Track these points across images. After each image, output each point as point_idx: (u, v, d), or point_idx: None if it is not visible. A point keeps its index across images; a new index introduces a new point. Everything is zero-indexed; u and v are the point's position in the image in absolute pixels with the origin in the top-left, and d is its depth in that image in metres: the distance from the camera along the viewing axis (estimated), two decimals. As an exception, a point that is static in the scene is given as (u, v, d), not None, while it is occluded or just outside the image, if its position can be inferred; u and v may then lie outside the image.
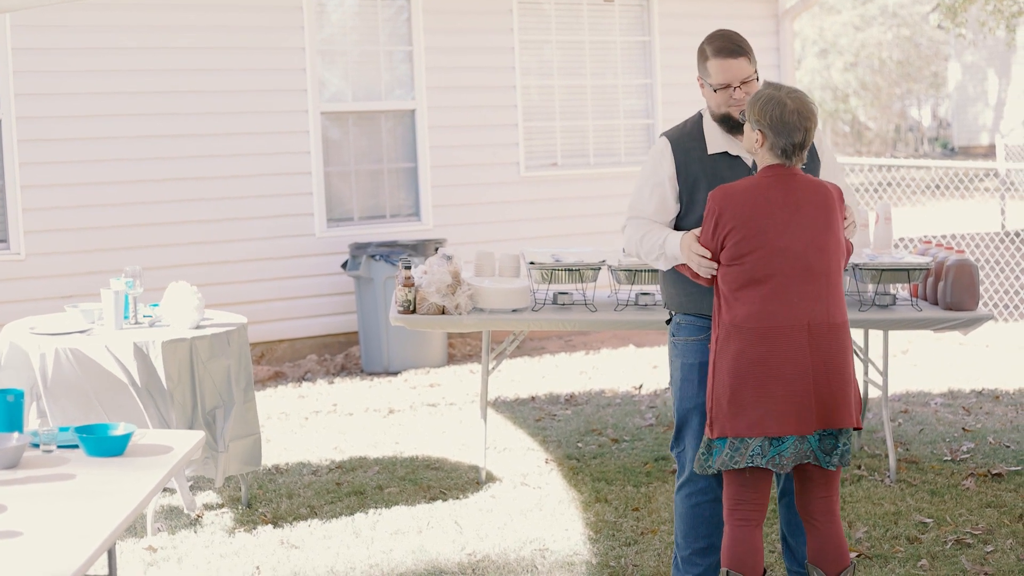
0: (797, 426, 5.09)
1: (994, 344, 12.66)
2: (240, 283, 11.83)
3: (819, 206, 5.18)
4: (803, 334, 5.11)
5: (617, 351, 12.74)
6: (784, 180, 5.19)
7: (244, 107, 11.83)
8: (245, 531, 7.15)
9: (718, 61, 5.54)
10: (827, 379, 5.12)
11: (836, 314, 5.18)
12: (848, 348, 5.21)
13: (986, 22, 25.87)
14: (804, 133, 5.14)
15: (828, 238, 5.17)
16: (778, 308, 5.13)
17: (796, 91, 5.24)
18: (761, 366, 5.12)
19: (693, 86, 14.24)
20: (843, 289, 5.29)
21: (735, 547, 5.26)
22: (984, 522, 7.02)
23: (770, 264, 5.14)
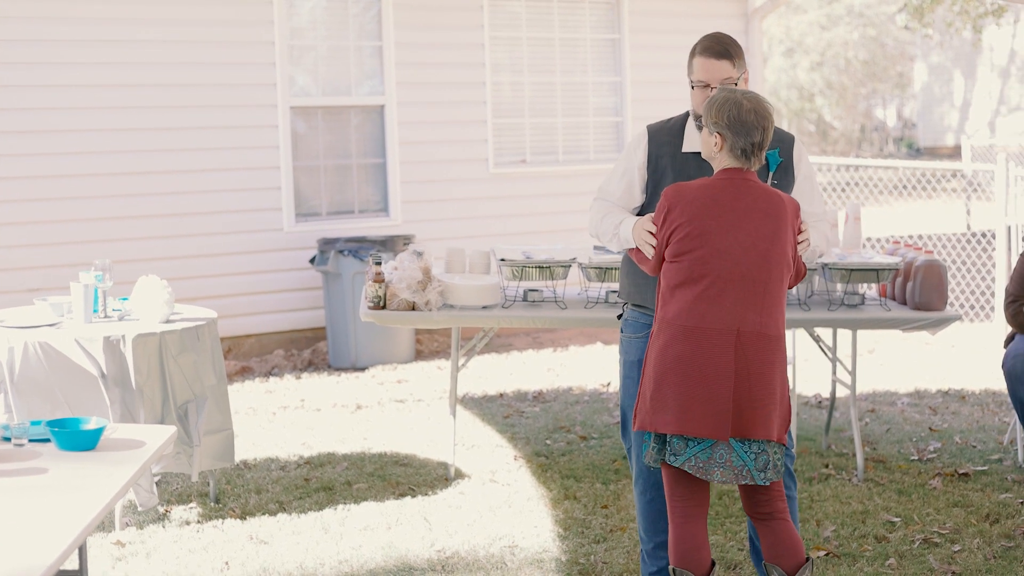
0: (712, 429, 5.05)
1: (959, 344, 12.72)
2: (207, 277, 11.79)
3: (768, 215, 5.16)
4: (730, 339, 5.09)
5: (585, 348, 12.75)
6: (737, 184, 5.19)
7: (213, 101, 11.79)
8: (213, 526, 7.13)
9: (702, 59, 5.58)
10: (748, 387, 5.08)
11: (769, 325, 5.14)
12: (778, 362, 5.16)
13: (953, 23, 26.02)
14: (762, 132, 5.15)
15: (772, 248, 5.15)
16: (708, 309, 5.12)
17: (751, 92, 5.25)
18: (683, 364, 5.10)
19: (663, 84, 14.35)
20: (783, 303, 5.22)
21: (678, 545, 5.26)
22: (951, 521, 7.05)
23: (707, 265, 5.13)
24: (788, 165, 5.65)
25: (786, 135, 5.71)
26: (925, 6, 24.89)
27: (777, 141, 5.64)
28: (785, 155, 5.65)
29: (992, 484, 7.78)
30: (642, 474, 5.74)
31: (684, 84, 14.51)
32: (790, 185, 5.64)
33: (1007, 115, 36.92)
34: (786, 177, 5.63)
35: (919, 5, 25.19)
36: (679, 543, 5.25)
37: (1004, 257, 12.43)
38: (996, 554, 6.53)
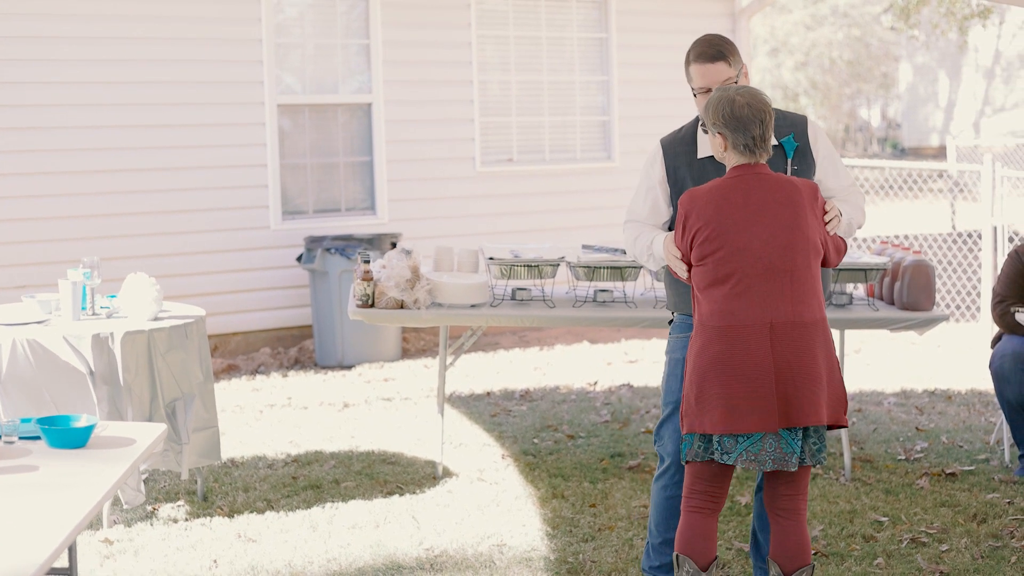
0: (759, 423, 5.09)
1: (945, 344, 12.75)
2: (194, 275, 11.77)
3: (783, 204, 5.18)
4: (765, 332, 5.13)
5: (571, 347, 12.76)
6: (747, 180, 5.22)
7: (200, 98, 11.77)
8: (201, 524, 7.11)
9: (697, 66, 5.61)
10: (791, 378, 5.11)
11: (803, 312, 5.16)
12: (820, 346, 5.18)
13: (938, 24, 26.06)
14: (760, 125, 5.17)
15: (794, 236, 5.17)
16: (739, 306, 5.16)
17: (746, 87, 5.28)
18: (722, 363, 5.14)
19: (650, 83, 14.36)
20: (816, 287, 5.24)
21: (686, 532, 5.33)
22: (939, 521, 7.07)
23: (730, 263, 5.17)
24: (805, 148, 5.67)
25: (798, 118, 5.72)
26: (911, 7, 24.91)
27: (789, 126, 5.66)
28: (800, 139, 5.67)
29: (979, 484, 7.80)
30: (668, 471, 5.78)
31: (671, 84, 14.64)
32: (811, 167, 5.66)
33: (992, 116, 37.02)
34: (805, 160, 5.65)
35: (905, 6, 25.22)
36: (686, 531, 5.33)
37: (990, 257, 12.46)
38: (984, 554, 6.55)
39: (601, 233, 13.37)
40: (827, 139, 5.76)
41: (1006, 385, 8.03)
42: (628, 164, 14.10)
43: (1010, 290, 8.21)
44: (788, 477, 5.30)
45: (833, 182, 5.73)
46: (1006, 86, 37.05)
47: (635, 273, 7.71)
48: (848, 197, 5.72)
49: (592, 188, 13.98)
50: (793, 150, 5.62)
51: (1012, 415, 8.06)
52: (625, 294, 7.92)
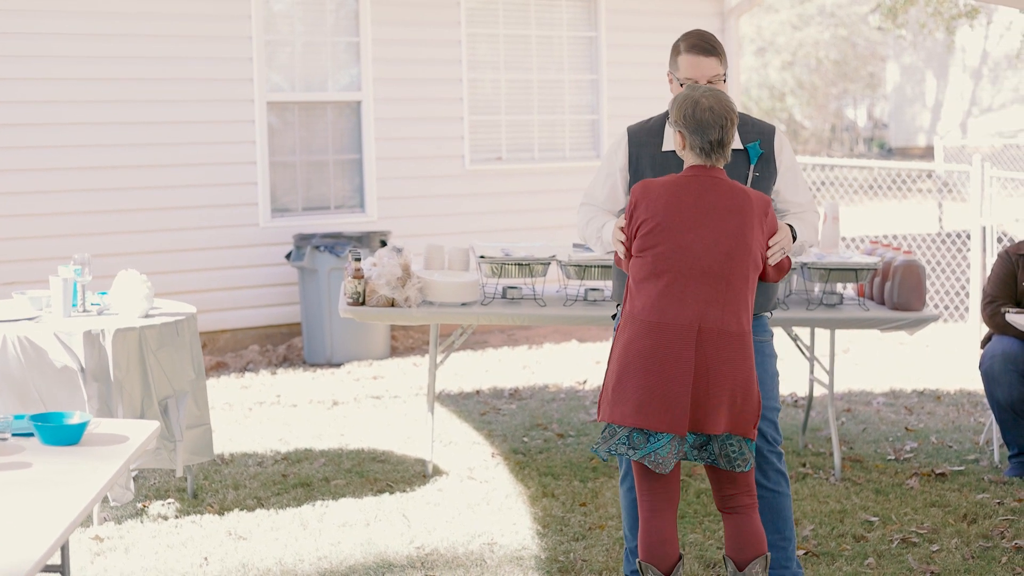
0: (668, 424, 5.09)
1: (934, 345, 12.77)
2: (183, 272, 11.75)
3: (732, 211, 5.18)
4: (691, 335, 5.12)
5: (560, 346, 12.76)
6: (702, 181, 5.22)
7: (189, 95, 11.75)
8: (192, 522, 7.10)
9: (689, 56, 5.60)
10: (706, 384, 5.10)
11: (731, 322, 5.15)
12: (739, 358, 5.16)
13: (926, 24, 26.10)
14: (720, 131, 5.17)
15: (736, 245, 5.16)
16: (670, 304, 5.15)
17: (714, 90, 5.28)
18: (645, 359, 5.13)
19: (639, 82, 14.36)
20: (748, 300, 5.22)
21: (645, 538, 5.30)
22: (929, 521, 7.07)
23: (669, 260, 5.17)
24: (770, 156, 5.66)
25: (766, 126, 5.71)
26: (898, 7, 24.94)
27: (757, 133, 5.66)
28: (766, 147, 5.66)
29: (969, 484, 7.81)
30: (629, 472, 5.77)
31: (660, 83, 14.52)
32: (772, 176, 5.65)
33: (979, 116, 37.08)
34: (768, 168, 5.64)
35: (892, 6, 25.25)
36: (645, 536, 5.29)
37: (979, 258, 12.48)
38: (974, 554, 6.56)
39: (591, 232, 13.37)
40: (792, 153, 5.76)
41: (996, 385, 8.04)
42: (617, 163, 14.08)
43: (1000, 290, 8.22)
44: (727, 477, 5.31)
45: (791, 195, 5.72)
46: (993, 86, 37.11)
47: (625, 273, 7.71)
48: (803, 215, 5.71)
49: (581, 187, 13.95)
50: (757, 157, 5.61)
51: (1002, 415, 8.07)
52: (616, 293, 7.91)
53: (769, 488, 5.77)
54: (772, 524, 5.77)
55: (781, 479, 5.78)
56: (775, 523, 5.78)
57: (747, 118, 5.70)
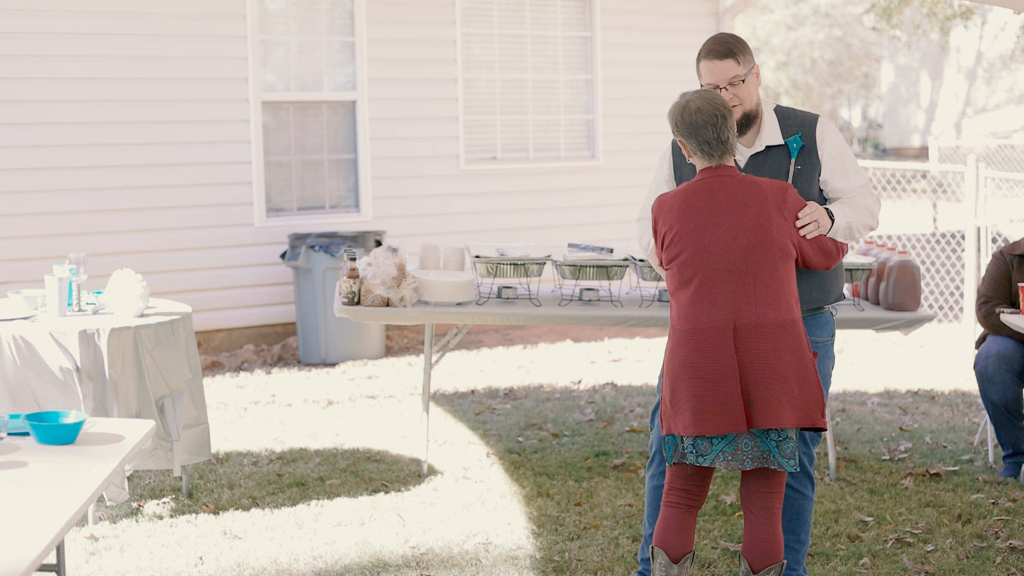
0: (724, 425, 5.13)
1: (928, 345, 12.79)
2: (178, 271, 11.75)
3: (745, 205, 5.22)
4: (728, 334, 5.16)
5: (555, 346, 12.77)
6: (711, 182, 5.28)
7: (185, 95, 11.75)
8: (187, 521, 7.09)
9: (705, 62, 5.62)
10: (755, 379, 5.13)
11: (767, 313, 5.17)
12: (788, 347, 5.17)
13: (920, 24, 26.12)
14: (712, 129, 5.23)
15: (756, 237, 5.19)
16: (702, 309, 5.21)
17: (705, 91, 5.35)
18: (689, 367, 5.20)
19: (633, 82, 14.37)
20: (784, 289, 5.23)
21: (662, 525, 5.39)
22: (924, 521, 7.08)
23: (693, 265, 5.23)
24: (812, 147, 5.64)
25: (809, 117, 5.70)
26: (893, 7, 24.96)
27: (799, 126, 5.65)
28: (808, 139, 5.64)
29: (963, 484, 7.82)
30: (654, 460, 5.87)
31: (655, 83, 14.63)
32: (816, 167, 5.63)
33: (973, 116, 37.11)
34: (810, 160, 5.63)
35: (887, 6, 25.27)
36: (663, 523, 5.39)
37: (973, 258, 12.49)
38: (969, 554, 6.56)
39: (585, 232, 13.38)
40: (838, 139, 5.71)
41: (991, 386, 8.06)
42: (612, 163, 14.12)
43: (995, 291, 8.24)
44: (763, 476, 5.32)
45: (840, 183, 5.67)
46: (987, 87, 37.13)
47: (621, 272, 7.72)
48: (854, 198, 5.66)
49: (576, 187, 13.99)
50: (798, 150, 5.62)
51: (996, 416, 8.08)
52: (611, 293, 7.93)
53: (795, 488, 5.77)
54: (789, 524, 5.79)
55: (807, 482, 5.80)
56: (792, 524, 5.80)
57: (789, 111, 5.70)
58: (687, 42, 14.43)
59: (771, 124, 5.66)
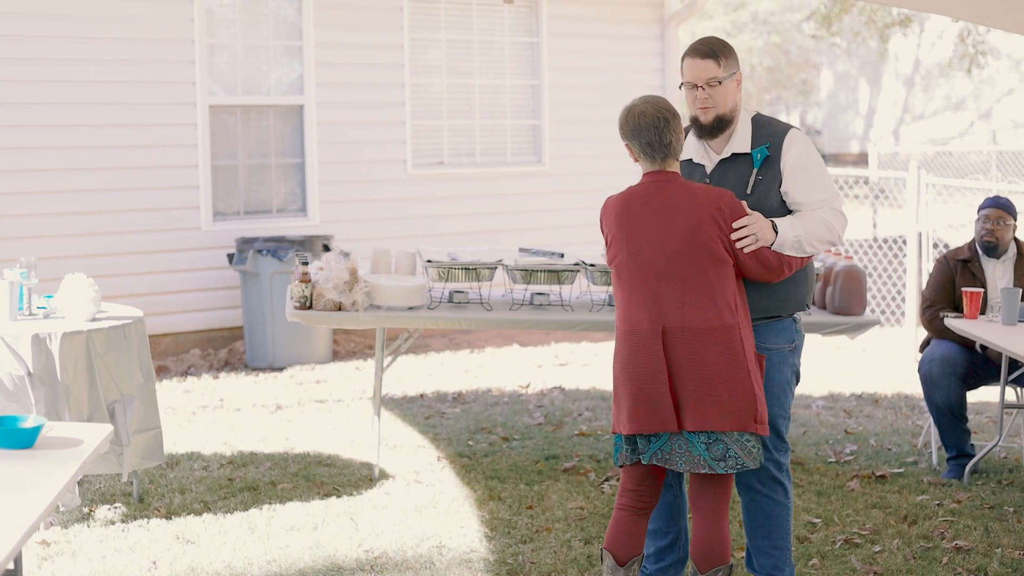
0: (660, 424, 5.23)
1: (870, 349, 12.92)
2: (125, 275, 11.71)
3: (679, 211, 5.28)
4: (657, 337, 5.26)
5: (502, 350, 12.81)
6: (649, 187, 5.37)
7: (132, 98, 11.71)
8: (139, 526, 7.09)
9: (688, 59, 5.62)
10: (683, 382, 5.22)
11: (694, 318, 5.24)
12: (714, 354, 5.23)
13: (860, 32, 26.35)
14: (654, 131, 5.30)
15: (686, 243, 5.26)
16: (635, 311, 5.32)
17: (654, 97, 5.41)
18: (626, 367, 5.32)
19: (580, 88, 14.42)
20: (715, 295, 5.26)
21: (612, 528, 5.50)
22: (871, 522, 7.17)
23: (627, 268, 5.34)
24: (776, 158, 5.63)
25: (780, 128, 5.68)
26: (833, 15, 25.17)
27: (768, 136, 5.65)
28: (774, 149, 5.63)
29: (909, 486, 7.92)
30: None
31: (601, 88, 14.68)
32: (776, 178, 5.61)
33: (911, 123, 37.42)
34: (771, 171, 5.62)
35: (827, 14, 25.48)
36: (613, 526, 5.49)
37: (915, 263, 12.62)
38: (916, 554, 6.66)
39: (533, 236, 13.43)
40: (804, 152, 5.65)
41: (935, 389, 8.17)
42: (558, 168, 14.18)
43: (939, 295, 8.36)
44: (708, 477, 5.39)
45: (800, 196, 5.62)
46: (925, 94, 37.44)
47: (572, 277, 7.77)
48: (813, 212, 5.60)
49: (523, 191, 14.04)
50: (761, 161, 5.62)
51: (940, 418, 8.20)
52: (561, 297, 7.98)
53: (763, 494, 5.76)
54: (764, 530, 5.79)
55: (778, 487, 5.76)
56: (767, 529, 5.79)
57: (767, 121, 5.69)
58: (633, 48, 14.53)
59: (743, 132, 5.66)
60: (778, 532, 5.81)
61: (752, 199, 5.59)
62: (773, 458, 5.75)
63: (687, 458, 5.27)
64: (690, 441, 5.26)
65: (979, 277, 8.30)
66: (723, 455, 5.26)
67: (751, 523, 5.83)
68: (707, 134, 5.64)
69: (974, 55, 26.13)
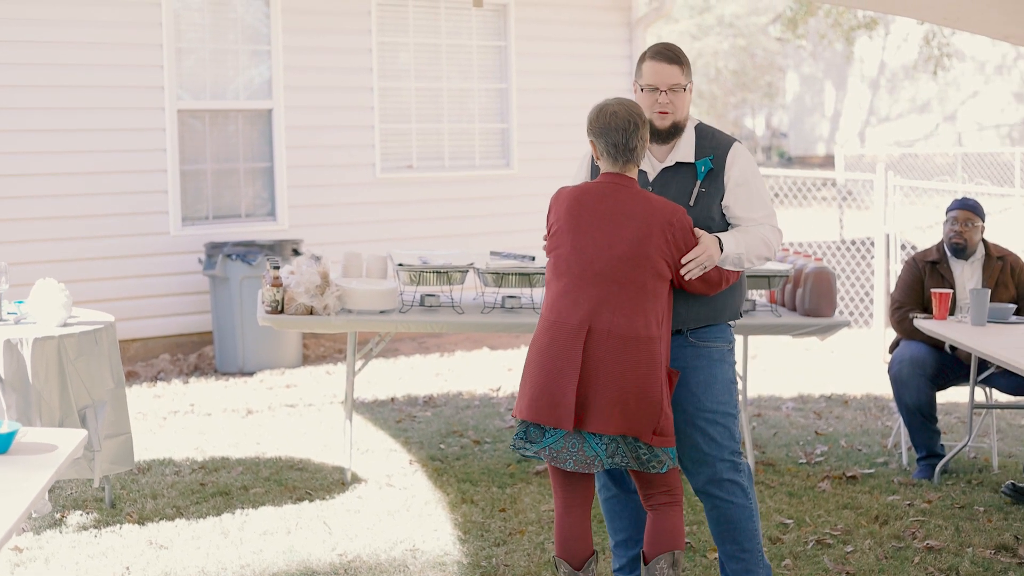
0: (556, 419, 5.26)
1: (839, 350, 12.97)
2: (94, 280, 11.66)
3: (631, 217, 5.31)
4: (580, 335, 5.27)
5: (471, 353, 12.81)
6: (607, 187, 5.39)
7: (101, 103, 11.68)
8: (111, 532, 7.06)
9: (651, 63, 5.62)
10: (594, 384, 5.25)
11: (623, 326, 5.26)
12: (633, 363, 5.25)
13: (825, 35, 26.47)
14: (623, 134, 5.32)
15: (632, 251, 5.28)
16: (565, 305, 5.34)
17: (627, 100, 5.43)
18: (540, 355, 5.34)
19: (548, 91, 14.44)
20: (649, 306, 5.29)
21: (558, 533, 5.55)
22: (842, 523, 7.21)
23: (568, 262, 5.37)
24: (719, 172, 5.64)
25: (724, 141, 5.69)
26: (799, 18, 25.28)
27: (712, 148, 5.66)
28: (718, 162, 5.63)
29: (879, 486, 7.96)
30: (600, 473, 5.90)
31: (569, 92, 14.68)
32: (719, 192, 5.62)
33: (876, 125, 37.61)
34: (715, 184, 5.62)
35: (793, 17, 25.59)
36: (559, 532, 5.52)
37: (883, 265, 12.69)
38: (888, 554, 6.69)
39: (502, 239, 13.42)
40: (747, 167, 5.66)
41: (904, 389, 8.21)
42: (526, 171, 14.20)
43: (908, 296, 8.40)
44: (644, 477, 5.46)
45: (741, 211, 5.63)
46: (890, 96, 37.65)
47: (543, 280, 7.78)
48: (753, 228, 5.62)
49: (491, 195, 14.05)
50: (705, 173, 5.62)
51: (910, 419, 8.24)
52: (533, 300, 7.99)
53: (723, 498, 5.72)
54: (729, 534, 5.76)
55: (736, 489, 5.71)
56: (732, 533, 5.76)
57: (709, 132, 5.70)
58: (600, 52, 14.56)
59: (688, 142, 5.67)
60: (743, 535, 5.77)
61: (694, 211, 5.58)
62: (725, 457, 5.71)
63: (579, 457, 5.31)
64: (587, 441, 5.30)
65: (948, 278, 8.35)
66: (614, 453, 5.32)
67: (716, 529, 5.81)
68: (660, 139, 5.64)
69: (939, 58, 26.29)
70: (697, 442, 5.67)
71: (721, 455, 5.70)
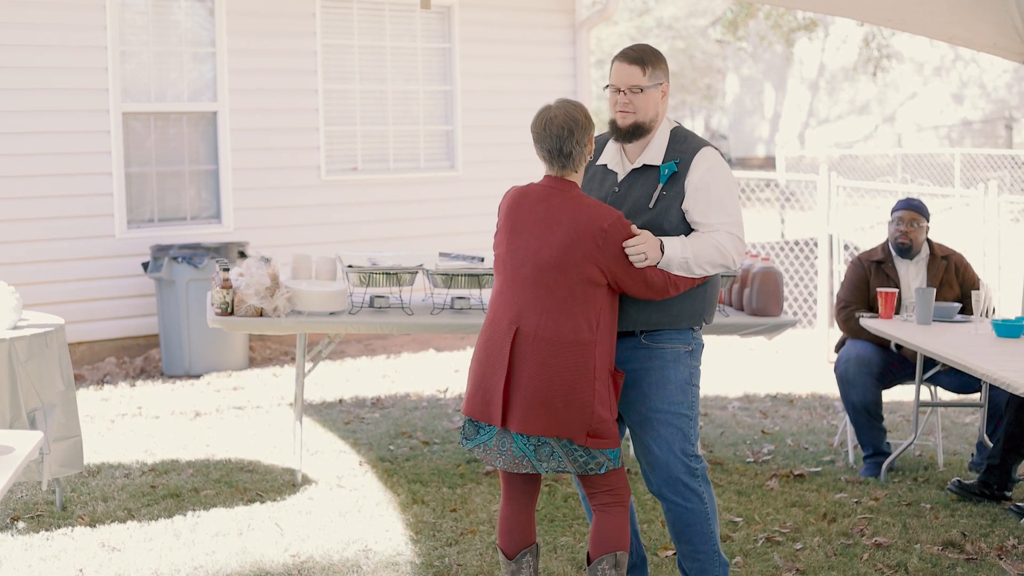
0: (488, 415, 5.39)
1: (783, 350, 13.08)
2: (39, 284, 11.60)
3: (562, 222, 5.36)
4: (509, 335, 5.37)
5: (418, 355, 12.84)
6: (544, 191, 5.46)
7: (45, 105, 11.62)
8: (63, 534, 7.04)
9: (616, 63, 5.66)
10: (518, 384, 5.34)
11: (550, 329, 5.32)
12: (564, 366, 5.31)
13: (766, 36, 26.63)
14: (556, 140, 5.38)
15: (561, 256, 5.33)
16: (499, 304, 5.46)
17: (570, 104, 5.46)
18: (479, 352, 5.48)
19: (493, 93, 14.49)
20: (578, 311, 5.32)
21: (500, 524, 5.71)
22: (791, 521, 7.28)
23: (503, 262, 5.47)
24: (682, 175, 5.62)
25: (693, 145, 5.68)
26: (739, 20, 25.43)
27: (681, 151, 5.65)
28: (683, 166, 5.62)
29: (827, 484, 8.04)
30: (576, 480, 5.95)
31: (513, 94, 14.73)
32: (679, 196, 5.60)
33: (816, 127, 37.87)
34: (675, 187, 5.61)
35: (733, 19, 25.74)
36: (501, 523, 5.69)
37: (827, 265, 12.80)
38: (837, 551, 6.77)
39: (449, 241, 13.43)
40: (710, 173, 5.61)
41: (850, 388, 8.30)
42: (471, 173, 14.23)
43: (854, 296, 8.49)
44: (586, 478, 5.55)
45: (698, 216, 5.60)
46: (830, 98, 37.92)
47: (492, 280, 7.80)
48: (707, 234, 5.58)
49: (437, 197, 14.07)
50: (668, 176, 5.62)
51: (856, 417, 8.33)
52: (482, 301, 8.02)
53: (677, 502, 5.72)
54: (684, 536, 5.77)
55: (691, 494, 5.70)
56: (687, 535, 5.76)
57: (684, 136, 5.70)
58: (544, 54, 14.61)
59: (658, 144, 5.68)
60: (699, 537, 5.78)
61: (652, 213, 5.59)
62: (679, 461, 5.69)
63: (507, 457, 5.41)
64: (515, 441, 5.38)
65: (893, 278, 8.45)
66: (548, 456, 5.39)
67: (672, 529, 5.83)
68: (623, 138, 5.67)
69: (878, 59, 26.52)
70: (648, 443, 5.70)
71: (673, 457, 5.69)
